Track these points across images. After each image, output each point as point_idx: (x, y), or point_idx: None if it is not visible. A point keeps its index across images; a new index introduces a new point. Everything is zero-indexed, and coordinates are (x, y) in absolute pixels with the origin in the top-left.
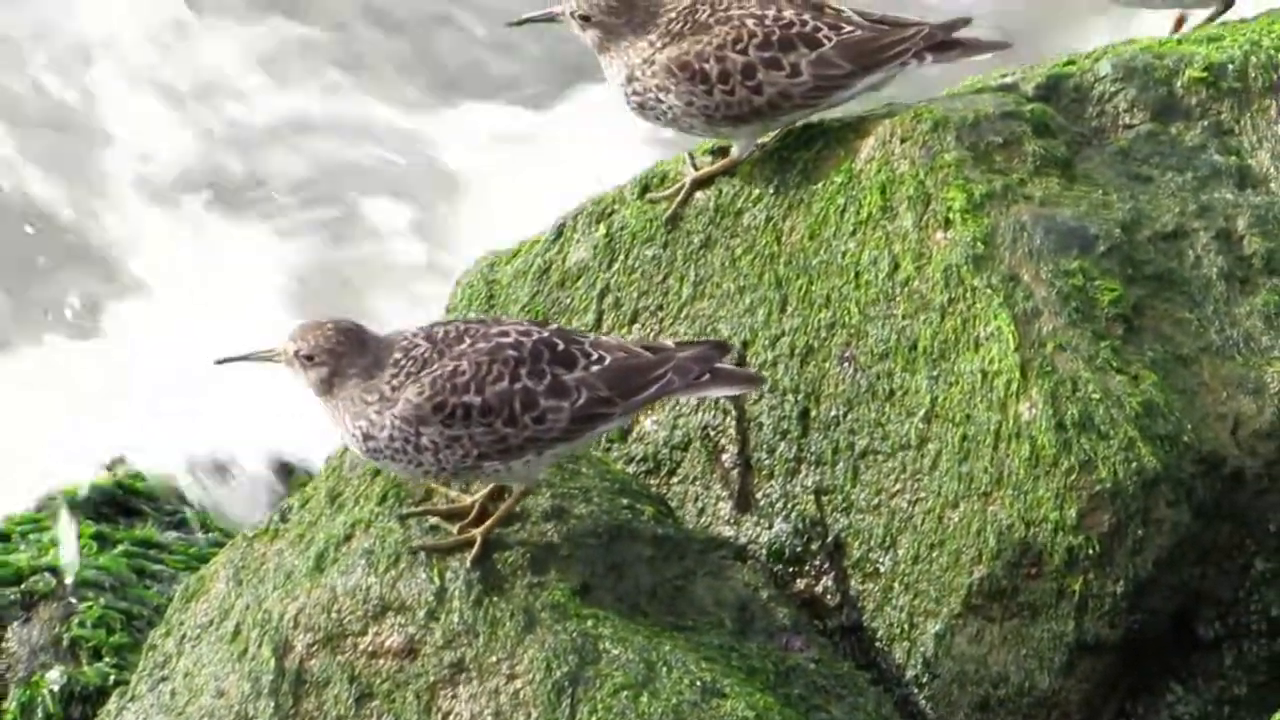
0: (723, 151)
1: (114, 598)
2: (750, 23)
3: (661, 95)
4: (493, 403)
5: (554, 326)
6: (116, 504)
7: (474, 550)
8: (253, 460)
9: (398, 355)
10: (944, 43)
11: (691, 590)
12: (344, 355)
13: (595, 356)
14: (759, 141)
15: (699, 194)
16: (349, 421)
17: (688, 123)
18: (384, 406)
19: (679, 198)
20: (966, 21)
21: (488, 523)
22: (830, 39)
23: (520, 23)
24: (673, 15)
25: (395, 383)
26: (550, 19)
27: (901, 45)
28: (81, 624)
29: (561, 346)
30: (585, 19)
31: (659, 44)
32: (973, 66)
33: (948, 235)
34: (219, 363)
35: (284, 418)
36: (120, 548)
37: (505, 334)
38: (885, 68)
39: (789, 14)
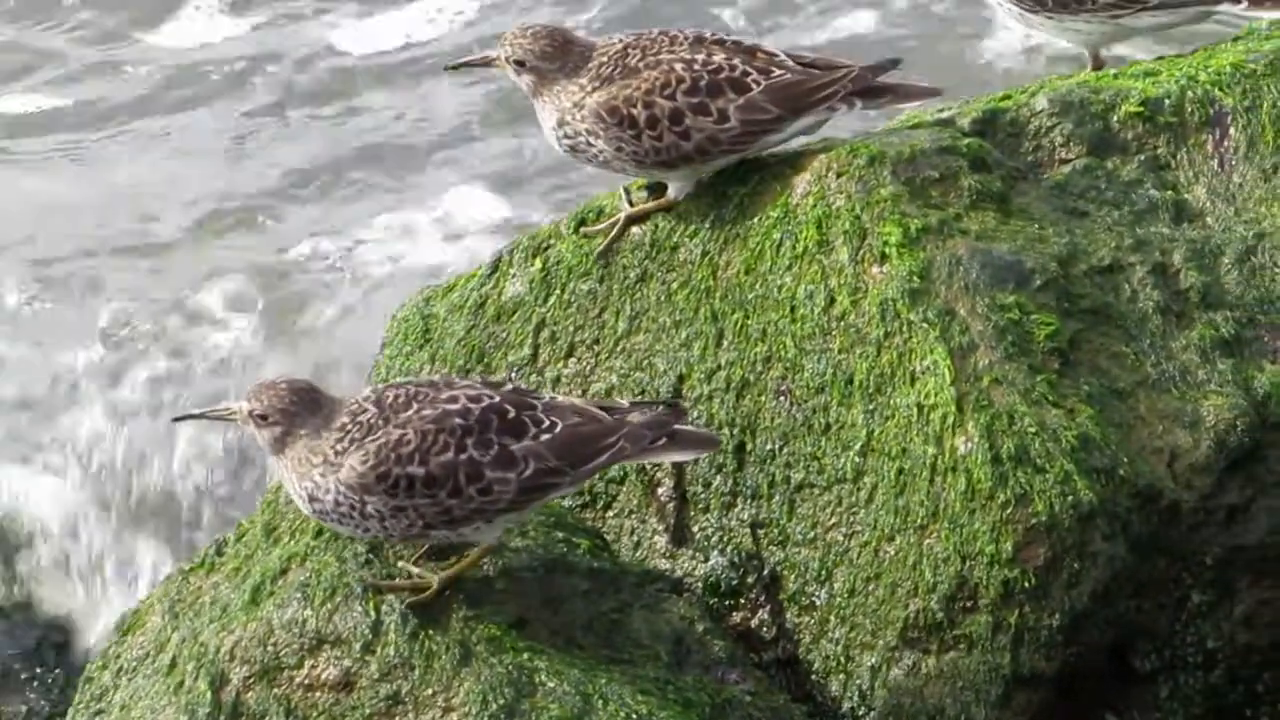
0: (659, 187)
1: None
2: (679, 68)
3: (591, 140)
4: (437, 474)
5: (509, 387)
6: None
7: (425, 595)
8: None
9: (344, 419)
10: (875, 89)
11: (628, 623)
12: (296, 415)
13: (546, 424)
14: (695, 180)
15: (635, 229)
16: (296, 482)
17: (619, 166)
18: (328, 470)
19: (612, 233)
20: (896, 62)
21: (448, 572)
22: (759, 83)
23: (457, 66)
24: (604, 60)
25: (339, 447)
26: (486, 63)
27: (829, 88)
28: None
29: (512, 413)
30: (520, 64)
31: (589, 88)
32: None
33: (884, 269)
34: (176, 420)
35: None
36: None
37: (454, 400)
38: (813, 111)
39: (719, 59)
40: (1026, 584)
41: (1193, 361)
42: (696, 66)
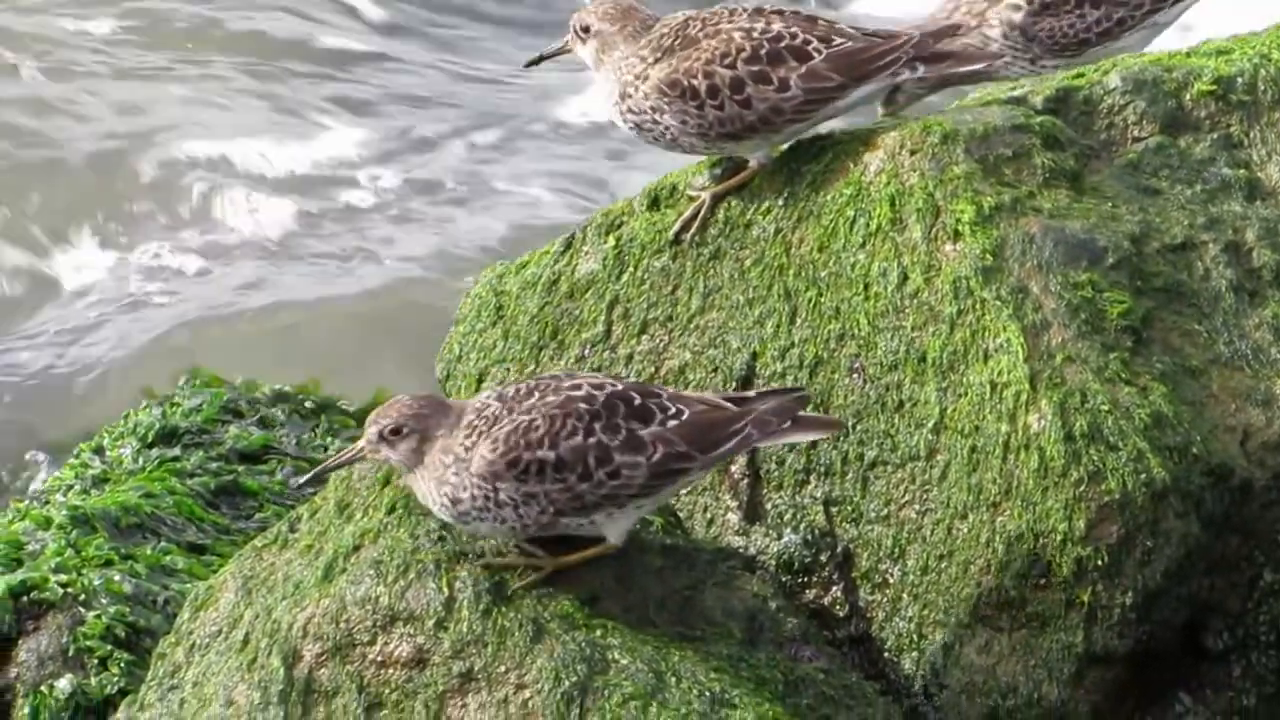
0: (727, 171)
1: (123, 608)
2: (738, 37)
3: (658, 117)
4: (567, 458)
5: (630, 380)
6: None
7: (537, 576)
8: None
9: (471, 416)
10: (936, 53)
11: (700, 600)
12: (429, 417)
13: (673, 410)
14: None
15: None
16: (434, 491)
17: (688, 142)
18: (460, 468)
19: (701, 214)
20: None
21: (564, 558)
22: (820, 51)
23: (536, 61)
24: (665, 31)
25: (468, 442)
26: (562, 51)
27: (892, 55)
28: (89, 634)
29: (637, 400)
30: (585, 30)
31: (650, 59)
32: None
33: (957, 247)
34: (300, 486)
35: None
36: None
37: (577, 387)
38: (876, 78)
39: (778, 26)
40: (1099, 562)
41: (1265, 340)
42: (756, 34)
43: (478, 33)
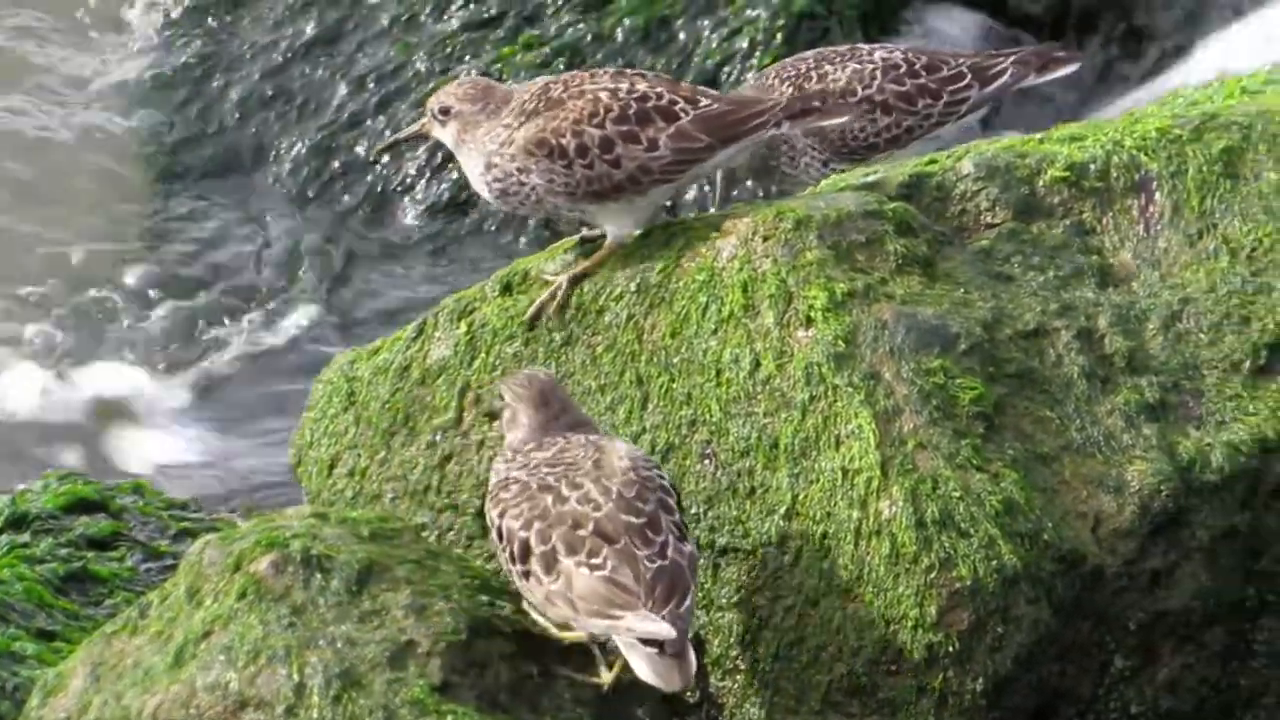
0: (583, 251)
1: None
2: (605, 97)
3: (523, 178)
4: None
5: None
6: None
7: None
8: None
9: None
10: (803, 110)
11: (552, 686)
12: (547, 405)
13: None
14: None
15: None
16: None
17: (552, 203)
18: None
19: (559, 298)
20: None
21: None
22: (687, 112)
23: (388, 147)
24: (526, 97)
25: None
26: (417, 135)
27: (759, 118)
28: None
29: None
30: (445, 112)
31: (515, 124)
32: None
33: (809, 333)
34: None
35: None
36: None
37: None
38: (744, 139)
39: (643, 87)
40: (950, 648)
41: (1117, 426)
42: (623, 95)
43: None
